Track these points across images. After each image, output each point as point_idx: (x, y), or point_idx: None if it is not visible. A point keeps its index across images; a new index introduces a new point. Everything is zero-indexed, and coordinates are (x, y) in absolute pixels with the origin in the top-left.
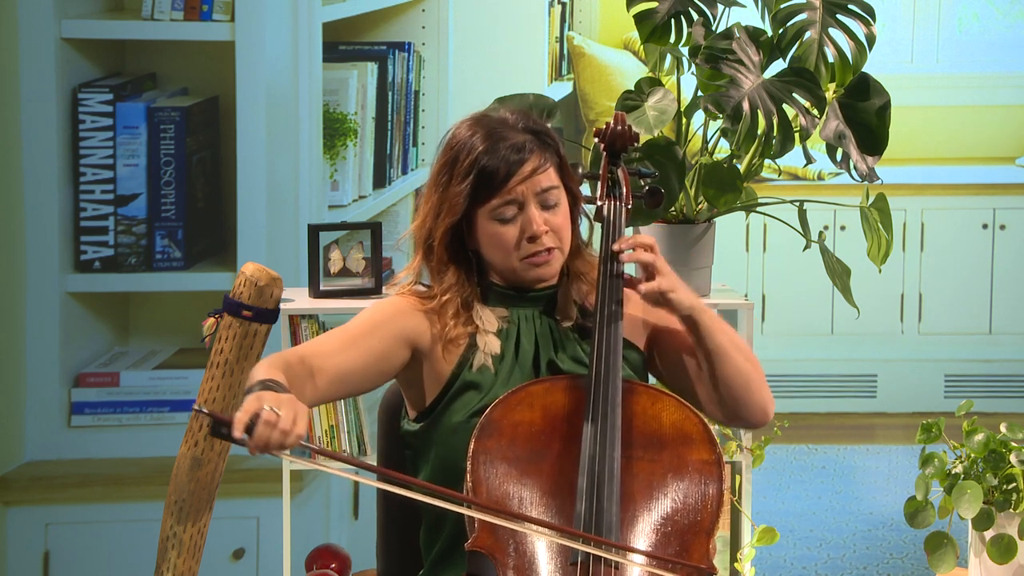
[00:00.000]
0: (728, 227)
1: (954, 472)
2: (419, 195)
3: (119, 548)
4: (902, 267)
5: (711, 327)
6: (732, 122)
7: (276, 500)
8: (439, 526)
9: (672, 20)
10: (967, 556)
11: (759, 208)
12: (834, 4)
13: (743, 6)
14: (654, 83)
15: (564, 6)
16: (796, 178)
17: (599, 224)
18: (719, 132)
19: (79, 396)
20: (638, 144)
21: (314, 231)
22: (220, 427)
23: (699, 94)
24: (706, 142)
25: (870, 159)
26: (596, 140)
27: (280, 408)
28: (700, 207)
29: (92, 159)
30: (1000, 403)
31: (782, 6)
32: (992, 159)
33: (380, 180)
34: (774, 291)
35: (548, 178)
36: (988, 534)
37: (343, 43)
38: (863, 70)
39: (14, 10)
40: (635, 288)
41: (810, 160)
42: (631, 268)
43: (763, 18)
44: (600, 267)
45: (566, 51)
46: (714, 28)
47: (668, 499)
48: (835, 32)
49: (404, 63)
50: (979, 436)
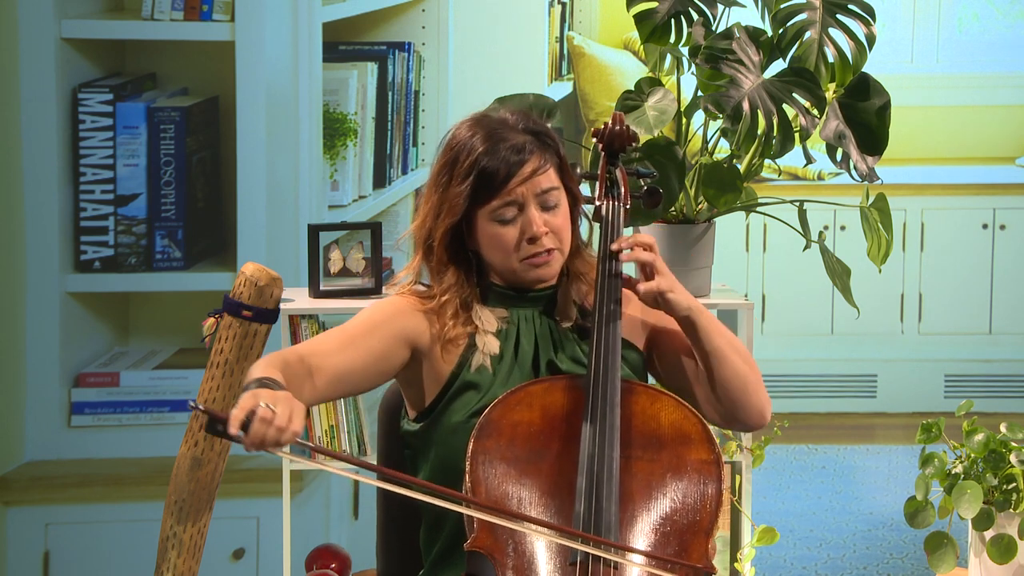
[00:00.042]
0: (728, 227)
1: (954, 472)
2: (419, 195)
3: (119, 548)
4: (902, 267)
5: (709, 328)
6: (732, 122)
7: (276, 500)
8: (439, 526)
9: (672, 20)
10: (967, 556)
11: (759, 208)
12: (834, 4)
13: (743, 6)
14: (654, 83)
15: (564, 6)
16: (796, 178)
17: (598, 224)
18: (719, 132)
19: (79, 396)
20: (637, 144)
21: (314, 231)
22: (216, 424)
23: (699, 94)
24: (706, 142)
25: (870, 159)
26: (594, 140)
27: (276, 405)
28: (700, 207)
29: (92, 159)
30: (1000, 403)
31: (782, 6)
32: (992, 159)
33: (380, 180)
34: (774, 291)
35: (548, 179)
36: (988, 534)
37: (343, 43)
38: (863, 70)
39: (14, 10)
40: (633, 288)
41: (810, 160)
42: (631, 269)
43: (763, 18)
44: (599, 267)
45: (566, 51)
46: (714, 28)
47: (667, 499)
48: (835, 32)
49: (404, 63)
50: (979, 436)
